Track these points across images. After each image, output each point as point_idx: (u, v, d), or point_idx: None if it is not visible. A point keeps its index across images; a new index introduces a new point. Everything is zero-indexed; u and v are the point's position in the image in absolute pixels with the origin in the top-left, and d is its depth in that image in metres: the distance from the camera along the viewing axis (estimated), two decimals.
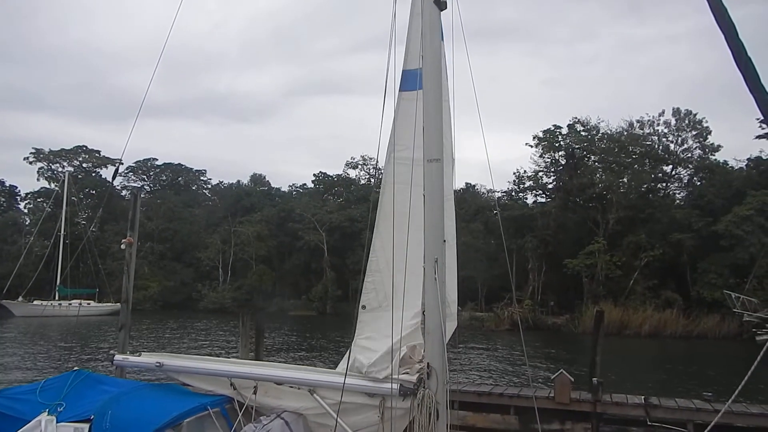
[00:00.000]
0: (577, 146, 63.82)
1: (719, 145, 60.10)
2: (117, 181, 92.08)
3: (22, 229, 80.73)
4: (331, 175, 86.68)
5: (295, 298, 72.35)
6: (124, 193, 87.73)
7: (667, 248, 53.05)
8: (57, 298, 62.87)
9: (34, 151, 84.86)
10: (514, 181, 68.00)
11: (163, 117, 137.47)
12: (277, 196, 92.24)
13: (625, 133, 62.66)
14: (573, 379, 13.92)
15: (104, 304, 61.29)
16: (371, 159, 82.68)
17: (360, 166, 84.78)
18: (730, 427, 12.07)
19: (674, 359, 36.99)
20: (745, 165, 57.44)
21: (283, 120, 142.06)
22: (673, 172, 62.93)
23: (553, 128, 64.47)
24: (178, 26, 8.48)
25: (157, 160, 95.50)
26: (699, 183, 60.92)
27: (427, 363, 5.56)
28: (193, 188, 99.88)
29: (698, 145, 60.78)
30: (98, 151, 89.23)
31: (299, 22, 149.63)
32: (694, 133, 60.49)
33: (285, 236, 77.61)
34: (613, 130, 63.55)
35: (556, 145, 64.29)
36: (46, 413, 6.29)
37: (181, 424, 6.23)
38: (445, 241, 5.69)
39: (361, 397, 6.22)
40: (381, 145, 6.54)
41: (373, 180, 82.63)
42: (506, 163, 76.85)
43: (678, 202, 61.46)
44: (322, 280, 71.67)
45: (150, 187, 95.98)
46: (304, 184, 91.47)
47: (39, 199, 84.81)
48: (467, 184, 74.44)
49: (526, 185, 67.90)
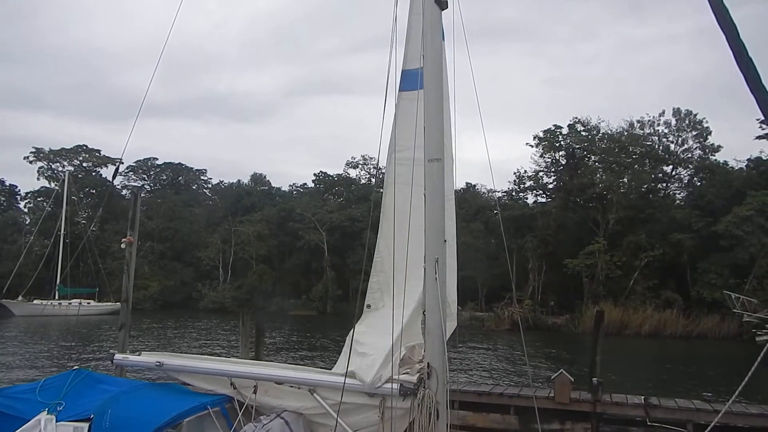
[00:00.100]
0: (577, 146, 63.80)
1: (719, 146, 60.30)
2: (117, 180, 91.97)
3: (22, 228, 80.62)
4: (331, 174, 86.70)
5: (296, 298, 72.30)
6: (124, 192, 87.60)
7: (667, 248, 53.06)
8: (57, 297, 62.80)
9: (34, 150, 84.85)
10: (515, 180, 68.14)
11: (164, 116, 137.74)
12: (278, 196, 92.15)
13: (626, 133, 62.71)
14: (573, 379, 13.94)
15: (104, 304, 61.22)
16: (372, 159, 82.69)
17: (360, 166, 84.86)
18: (729, 428, 12.08)
19: (674, 359, 37.00)
20: (745, 165, 57.45)
21: (284, 120, 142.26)
22: (674, 173, 63.01)
23: (553, 128, 64.49)
24: (179, 26, 8.50)
25: (157, 159, 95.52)
26: (699, 183, 60.92)
27: (428, 363, 5.55)
28: (194, 188, 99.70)
29: (698, 145, 60.88)
30: (98, 151, 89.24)
31: (299, 22, 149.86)
32: (694, 133, 60.57)
33: (285, 236, 77.54)
34: (614, 130, 63.72)
35: (557, 145, 64.28)
36: (45, 412, 6.29)
37: (181, 423, 6.22)
38: (445, 241, 5.68)
39: (362, 397, 6.22)
40: (382, 145, 6.53)
41: (373, 180, 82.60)
42: (506, 163, 77.03)
43: (678, 202, 61.49)
44: (323, 279, 71.64)
45: (150, 186, 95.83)
46: (305, 184, 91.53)
47: (39, 199, 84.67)
48: (467, 183, 74.58)
49: (526, 185, 67.95)
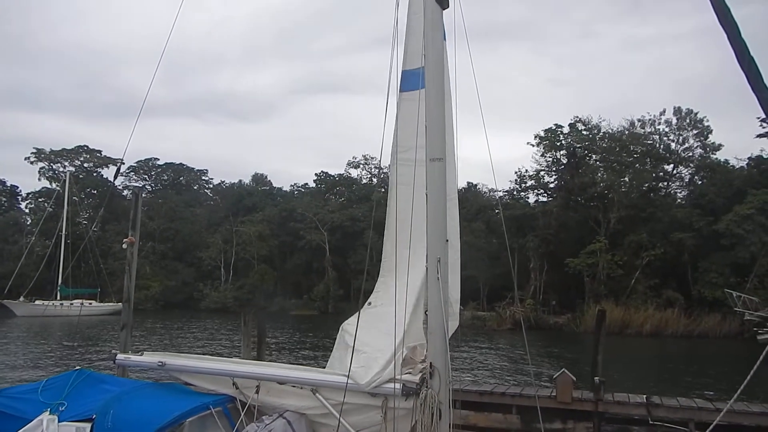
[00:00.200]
0: (578, 145, 63.74)
1: (720, 144, 60.25)
2: (118, 180, 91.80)
3: (24, 229, 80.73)
4: (332, 174, 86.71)
5: (297, 298, 72.34)
6: (125, 192, 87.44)
7: (668, 247, 53.00)
8: (58, 297, 62.83)
9: (35, 151, 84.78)
10: (516, 180, 68.06)
11: (165, 116, 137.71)
12: (279, 196, 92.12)
13: (627, 132, 62.66)
14: (575, 379, 13.95)
15: (106, 304, 61.28)
16: (373, 158, 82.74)
17: (362, 166, 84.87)
18: (732, 426, 12.08)
19: (676, 358, 37.02)
20: (746, 164, 57.37)
21: (285, 119, 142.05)
22: (675, 171, 62.94)
23: (554, 127, 64.43)
24: (179, 25, 8.48)
25: (158, 159, 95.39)
26: (700, 182, 60.87)
27: (430, 363, 5.55)
28: (195, 188, 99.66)
29: (699, 144, 60.85)
30: (99, 151, 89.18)
31: (300, 22, 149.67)
32: (695, 132, 60.54)
33: (286, 236, 77.55)
34: (615, 129, 63.69)
35: (558, 144, 64.23)
36: (47, 412, 6.29)
37: (183, 423, 6.21)
38: (447, 241, 5.67)
39: (364, 397, 6.21)
40: (384, 146, 6.51)
41: (375, 179, 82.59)
42: (508, 163, 76.81)
43: (679, 201, 61.46)
44: (324, 279, 71.65)
45: (151, 186, 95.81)
46: (306, 184, 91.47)
47: (40, 199, 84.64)
48: (469, 183, 74.61)
49: (527, 184, 67.89)
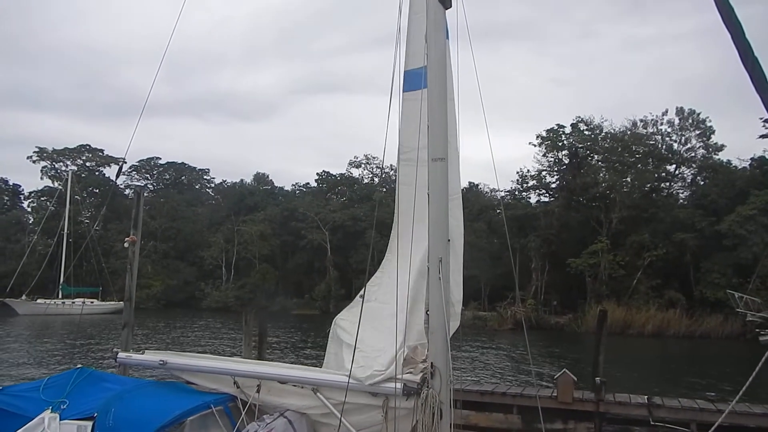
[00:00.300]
0: (580, 145, 63.66)
1: (723, 145, 60.04)
2: (120, 179, 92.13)
3: (26, 227, 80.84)
4: (334, 174, 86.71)
5: (298, 297, 72.31)
6: (127, 192, 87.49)
7: (670, 248, 52.92)
8: (60, 296, 62.88)
9: (37, 150, 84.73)
10: (518, 180, 67.94)
11: (167, 116, 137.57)
12: (281, 195, 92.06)
13: (629, 132, 62.55)
14: (576, 379, 13.95)
15: (107, 303, 61.39)
16: (374, 158, 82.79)
17: (363, 165, 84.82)
18: (733, 427, 12.06)
19: (677, 359, 36.99)
20: (749, 164, 57.14)
21: (286, 119, 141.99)
22: (677, 172, 62.80)
23: (556, 127, 64.37)
24: (181, 25, 8.48)
25: (160, 159, 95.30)
26: (702, 182, 60.70)
27: (431, 363, 5.54)
28: (197, 187, 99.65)
29: (701, 144, 60.65)
30: (101, 150, 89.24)
31: (301, 22, 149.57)
32: (697, 132, 60.38)
33: (288, 235, 77.55)
34: (617, 129, 63.57)
35: (560, 144, 64.16)
36: (49, 411, 6.30)
37: (184, 422, 6.21)
38: (449, 241, 5.66)
39: (365, 397, 6.21)
40: (387, 146, 6.49)
41: (376, 179, 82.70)
42: (509, 163, 76.76)
43: (681, 201, 61.31)
44: (325, 279, 71.62)
45: (153, 186, 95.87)
46: (308, 183, 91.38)
47: (42, 198, 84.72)
48: (470, 183, 74.50)
49: (529, 184, 67.76)
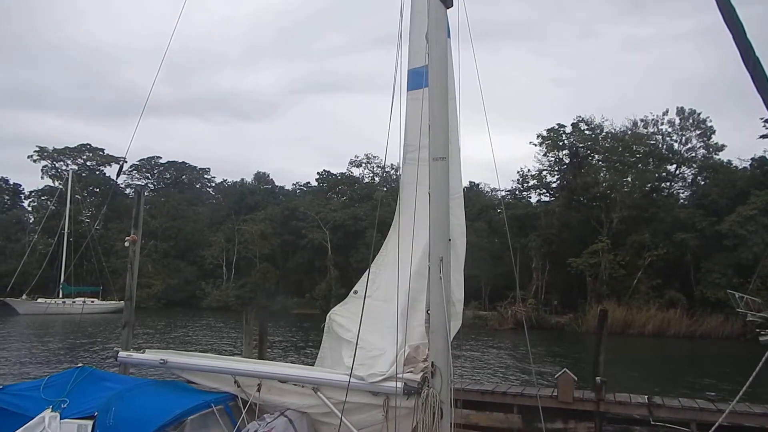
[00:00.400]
0: (581, 145, 63.63)
1: (723, 145, 59.98)
2: (121, 179, 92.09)
3: (26, 227, 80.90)
4: (334, 173, 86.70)
5: (299, 297, 72.28)
6: (127, 191, 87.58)
7: (670, 248, 52.91)
8: (61, 295, 62.89)
9: (38, 149, 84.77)
10: (518, 180, 67.92)
11: (167, 115, 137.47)
12: (281, 195, 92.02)
13: (629, 132, 62.52)
14: (576, 379, 13.94)
15: (108, 302, 61.40)
16: (375, 157, 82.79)
17: (364, 165, 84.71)
18: (734, 427, 12.06)
19: (677, 359, 36.97)
20: (749, 164, 57.09)
21: (287, 118, 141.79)
22: (677, 172, 62.75)
23: (557, 127, 64.32)
24: (182, 25, 8.48)
25: (161, 158, 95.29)
26: (703, 182, 60.66)
27: (432, 362, 5.54)
28: (197, 186, 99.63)
29: (702, 144, 60.61)
30: (102, 150, 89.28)
31: (301, 22, 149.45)
32: (698, 132, 60.32)
33: (289, 234, 77.54)
34: (617, 129, 63.48)
35: (560, 143, 64.14)
36: (49, 410, 6.30)
37: (185, 421, 6.21)
38: (450, 240, 5.66)
39: (366, 396, 6.21)
40: (391, 145, 6.46)
41: (377, 178, 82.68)
42: (510, 162, 76.55)
43: (682, 201, 61.26)
44: (326, 278, 71.55)
45: (154, 185, 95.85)
46: (308, 183, 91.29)
47: (43, 197, 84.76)
48: (471, 182, 74.42)
49: (529, 184, 67.71)
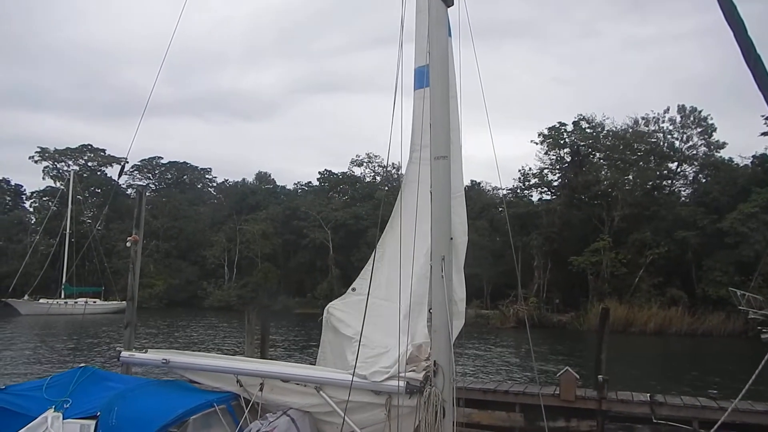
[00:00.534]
0: (582, 143, 63.66)
1: (724, 142, 59.97)
2: (122, 179, 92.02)
3: (28, 227, 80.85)
4: (336, 172, 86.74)
5: (300, 296, 72.23)
6: (129, 191, 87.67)
7: (672, 246, 52.90)
8: (63, 296, 62.89)
9: (39, 150, 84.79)
10: (520, 178, 68.01)
11: (168, 115, 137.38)
12: (282, 194, 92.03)
13: (630, 130, 62.55)
14: (578, 377, 13.95)
15: (110, 302, 61.39)
16: (376, 156, 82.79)
17: (365, 164, 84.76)
18: (736, 425, 12.06)
19: (679, 357, 36.97)
20: (750, 162, 57.10)
21: (287, 118, 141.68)
22: (679, 170, 62.73)
23: (558, 125, 64.34)
24: (182, 25, 8.48)
25: (162, 158, 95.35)
26: (704, 180, 60.67)
27: (434, 361, 5.54)
28: (198, 186, 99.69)
29: (703, 142, 60.65)
30: (103, 150, 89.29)
31: (301, 22, 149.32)
32: (699, 130, 60.31)
33: (290, 234, 77.53)
34: (618, 127, 63.58)
35: (561, 142, 64.15)
36: (52, 410, 6.31)
37: (187, 420, 6.21)
38: (452, 239, 5.66)
39: (368, 395, 6.21)
40: (394, 144, 6.45)
41: (378, 177, 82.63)
42: (511, 161, 76.42)
43: (683, 199, 61.28)
44: (328, 278, 71.47)
45: (155, 185, 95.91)
46: (309, 182, 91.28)
47: (44, 198, 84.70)
48: (472, 181, 74.39)
49: (531, 182, 67.81)
